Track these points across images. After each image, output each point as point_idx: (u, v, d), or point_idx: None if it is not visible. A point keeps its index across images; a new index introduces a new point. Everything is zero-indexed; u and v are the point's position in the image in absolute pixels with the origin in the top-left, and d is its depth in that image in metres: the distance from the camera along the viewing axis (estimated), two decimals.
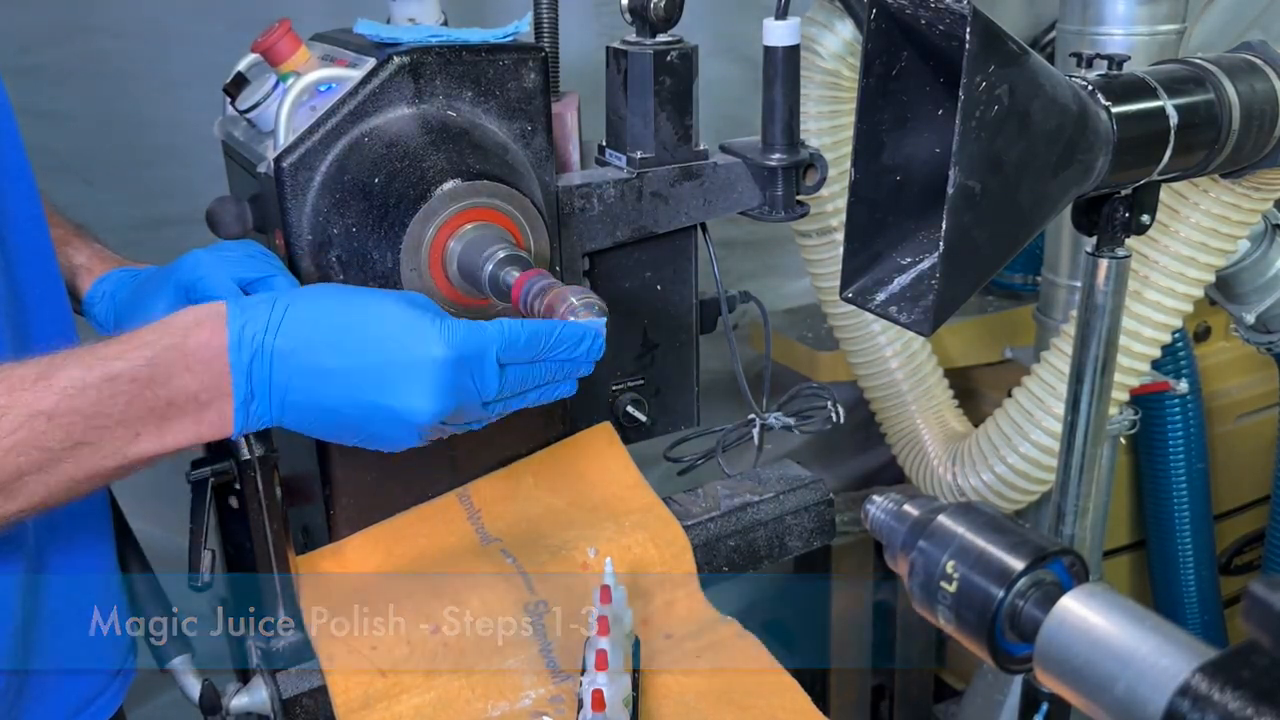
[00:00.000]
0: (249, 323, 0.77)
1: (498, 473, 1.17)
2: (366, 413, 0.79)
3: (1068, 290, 1.74)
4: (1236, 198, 1.40)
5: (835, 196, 1.63)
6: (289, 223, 1.00)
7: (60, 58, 1.61)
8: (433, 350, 0.78)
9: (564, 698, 1.01)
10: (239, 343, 0.77)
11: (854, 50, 1.57)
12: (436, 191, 0.94)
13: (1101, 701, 0.56)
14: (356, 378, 0.78)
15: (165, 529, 1.48)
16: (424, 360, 0.78)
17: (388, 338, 0.78)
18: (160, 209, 1.68)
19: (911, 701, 2.42)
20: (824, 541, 1.24)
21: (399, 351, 0.78)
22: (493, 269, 0.91)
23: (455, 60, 1.01)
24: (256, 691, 1.00)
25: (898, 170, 0.97)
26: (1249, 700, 0.49)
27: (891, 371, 1.84)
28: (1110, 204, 1.14)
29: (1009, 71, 0.86)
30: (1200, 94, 1.09)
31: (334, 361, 0.78)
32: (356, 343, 0.78)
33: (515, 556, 1.09)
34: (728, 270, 1.66)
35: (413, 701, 0.99)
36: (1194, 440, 2.10)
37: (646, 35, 1.11)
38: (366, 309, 0.80)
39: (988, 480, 1.73)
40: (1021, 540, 0.64)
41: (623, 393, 1.23)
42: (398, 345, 0.78)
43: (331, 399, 0.79)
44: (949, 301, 0.93)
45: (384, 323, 0.79)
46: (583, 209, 1.12)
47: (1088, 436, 1.26)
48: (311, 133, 0.99)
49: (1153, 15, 1.51)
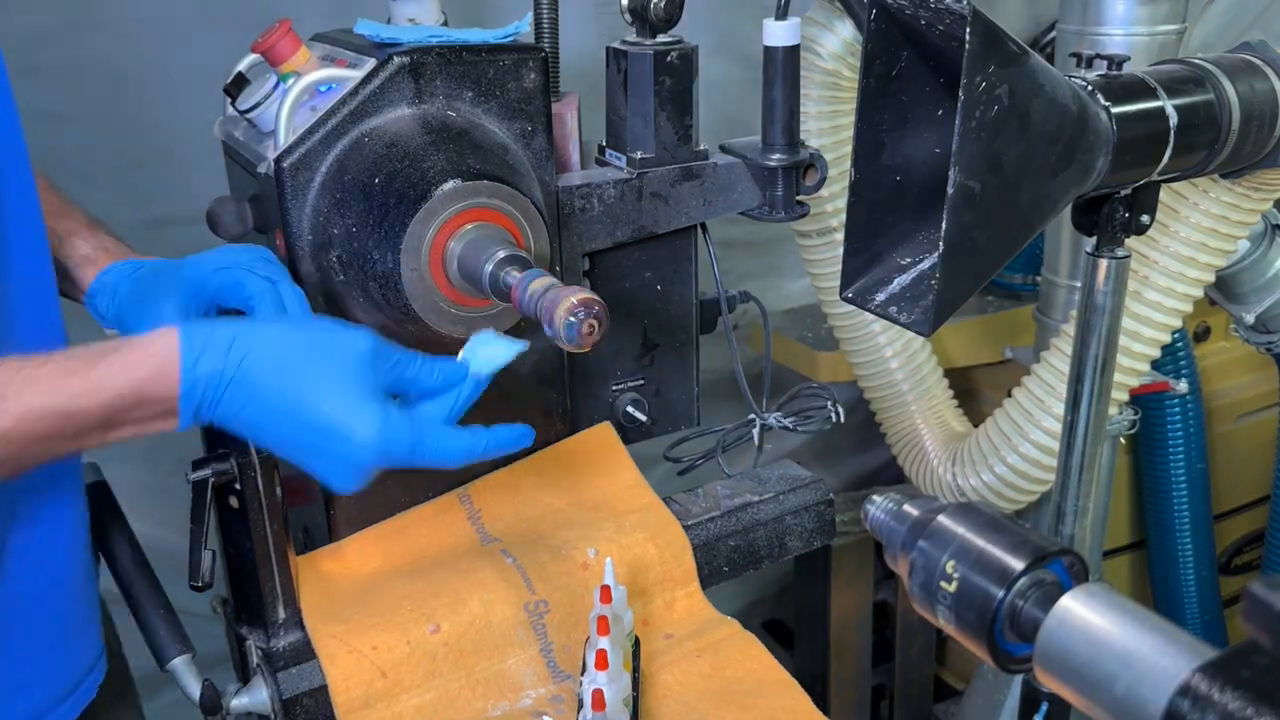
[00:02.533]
0: (198, 382, 0.81)
1: (498, 473, 1.17)
2: (307, 468, 0.86)
3: (1067, 290, 1.74)
4: (1236, 198, 1.40)
5: (835, 196, 1.63)
6: (289, 223, 1.00)
7: (61, 58, 1.61)
8: (360, 458, 0.83)
9: (564, 697, 1.01)
10: (189, 393, 0.81)
11: (854, 50, 1.57)
12: (437, 192, 0.94)
13: (1101, 701, 0.56)
14: (292, 450, 0.85)
15: (165, 529, 1.48)
16: (350, 462, 0.84)
17: (321, 430, 0.83)
18: (160, 209, 1.68)
19: (911, 701, 2.42)
20: (824, 541, 1.24)
21: (330, 444, 0.83)
22: (493, 269, 0.91)
23: (455, 60, 1.02)
24: (256, 691, 1.00)
25: (898, 170, 0.98)
26: (1249, 700, 0.49)
27: (891, 371, 1.84)
28: (1110, 204, 1.14)
29: (1009, 72, 0.86)
30: (1200, 94, 1.09)
31: (273, 433, 0.84)
32: (291, 428, 0.83)
33: (515, 556, 1.09)
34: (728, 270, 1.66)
35: (413, 701, 0.99)
36: (1194, 440, 2.10)
37: (646, 35, 1.11)
38: (311, 394, 0.83)
39: (988, 480, 1.73)
40: (1021, 540, 0.64)
41: (623, 393, 1.23)
42: (329, 439, 0.83)
43: (275, 450, 0.88)
44: (949, 301, 0.93)
45: (320, 414, 0.83)
46: (583, 209, 1.12)
47: (1088, 436, 1.26)
48: (312, 133, 0.99)
49: (1152, 15, 1.51)
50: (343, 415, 0.82)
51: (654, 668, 1.05)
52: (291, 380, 0.83)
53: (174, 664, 1.03)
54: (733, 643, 1.08)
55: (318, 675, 0.99)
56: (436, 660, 1.01)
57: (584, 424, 1.22)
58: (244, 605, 1.02)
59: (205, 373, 0.81)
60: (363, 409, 0.83)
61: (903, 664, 2.39)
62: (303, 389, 0.83)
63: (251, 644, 1.02)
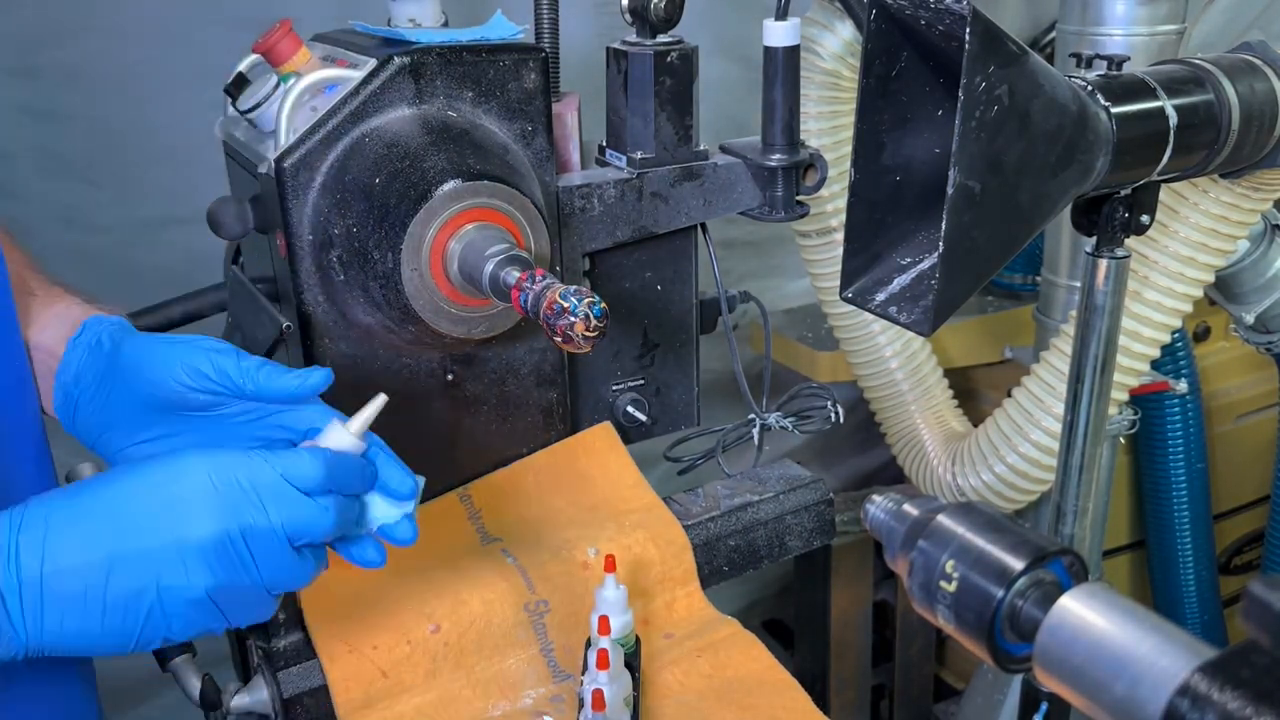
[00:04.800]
0: None
1: (498, 473, 1.17)
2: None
3: (1067, 290, 1.74)
4: (1236, 198, 1.40)
5: (835, 197, 1.63)
6: (290, 223, 1.00)
7: (61, 58, 1.61)
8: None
9: (564, 697, 1.01)
10: None
11: (854, 51, 1.58)
12: (437, 192, 0.94)
13: (1101, 701, 0.56)
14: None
15: None
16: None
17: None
18: (160, 209, 1.68)
19: (911, 701, 2.42)
20: (824, 541, 1.24)
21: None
22: (493, 269, 0.91)
23: (456, 61, 1.02)
24: (257, 691, 1.00)
25: (897, 170, 0.98)
26: (1248, 700, 0.49)
27: (891, 371, 1.84)
28: (1110, 204, 1.14)
29: (1009, 72, 0.87)
30: (1200, 94, 1.09)
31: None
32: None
33: (516, 556, 1.09)
34: (728, 270, 1.66)
35: (413, 701, 0.99)
36: (1193, 440, 2.10)
37: (647, 36, 1.11)
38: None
39: (987, 480, 1.73)
40: (1021, 540, 0.64)
41: (623, 393, 1.23)
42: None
43: None
44: (949, 301, 0.94)
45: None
46: (583, 209, 1.12)
47: (1087, 436, 1.26)
48: (312, 133, 0.99)
49: (1152, 16, 1.51)
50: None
51: (654, 667, 1.05)
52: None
53: (175, 664, 1.03)
54: (733, 642, 1.08)
55: (318, 675, 0.99)
56: (437, 660, 1.01)
57: (584, 424, 1.22)
58: None
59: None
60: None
61: (903, 664, 2.39)
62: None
63: (252, 644, 1.02)
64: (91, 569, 0.71)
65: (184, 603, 0.73)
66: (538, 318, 0.86)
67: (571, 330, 0.85)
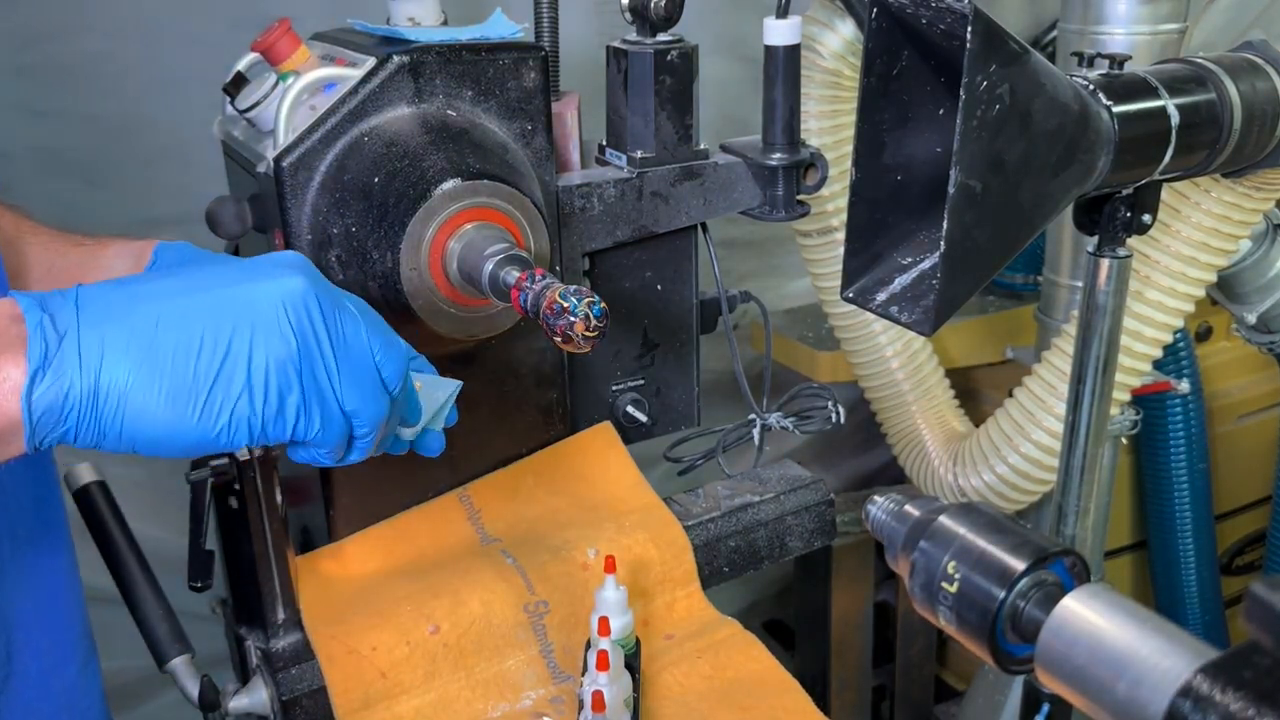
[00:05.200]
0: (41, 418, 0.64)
1: (498, 473, 1.17)
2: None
3: (1069, 290, 1.74)
4: (1238, 197, 1.40)
5: (836, 196, 1.63)
6: (288, 222, 0.99)
7: (59, 57, 1.61)
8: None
9: (564, 698, 1.01)
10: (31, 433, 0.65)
11: (855, 50, 1.57)
12: (436, 191, 0.93)
13: (1103, 702, 0.56)
14: None
15: (165, 529, 1.48)
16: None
17: None
18: (160, 209, 1.68)
19: (911, 702, 2.42)
20: (824, 542, 1.24)
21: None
22: (493, 269, 0.91)
23: (455, 60, 1.01)
24: (256, 691, 1.00)
25: (898, 170, 0.97)
26: (1250, 701, 0.48)
27: (892, 371, 1.84)
28: (1111, 204, 1.14)
29: (1010, 71, 0.86)
30: (1201, 93, 1.08)
31: None
32: None
33: (515, 556, 1.09)
34: (728, 270, 1.66)
35: (413, 702, 0.99)
36: (1195, 440, 2.10)
37: (647, 35, 1.11)
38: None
39: (989, 480, 1.73)
40: (1023, 541, 0.64)
41: (623, 393, 1.23)
42: None
43: None
44: (950, 301, 0.93)
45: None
46: (583, 209, 1.12)
47: (1089, 436, 1.26)
48: (311, 132, 0.98)
49: (1154, 15, 1.51)
50: None
51: (655, 668, 1.05)
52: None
53: (173, 664, 1.03)
54: (733, 643, 1.08)
55: (317, 676, 0.98)
56: (436, 661, 1.00)
57: (584, 424, 1.22)
58: (243, 606, 1.02)
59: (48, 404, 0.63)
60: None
61: (903, 664, 2.39)
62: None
63: (251, 644, 1.02)
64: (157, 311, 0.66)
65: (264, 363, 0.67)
66: (537, 318, 0.86)
67: (571, 330, 0.84)
